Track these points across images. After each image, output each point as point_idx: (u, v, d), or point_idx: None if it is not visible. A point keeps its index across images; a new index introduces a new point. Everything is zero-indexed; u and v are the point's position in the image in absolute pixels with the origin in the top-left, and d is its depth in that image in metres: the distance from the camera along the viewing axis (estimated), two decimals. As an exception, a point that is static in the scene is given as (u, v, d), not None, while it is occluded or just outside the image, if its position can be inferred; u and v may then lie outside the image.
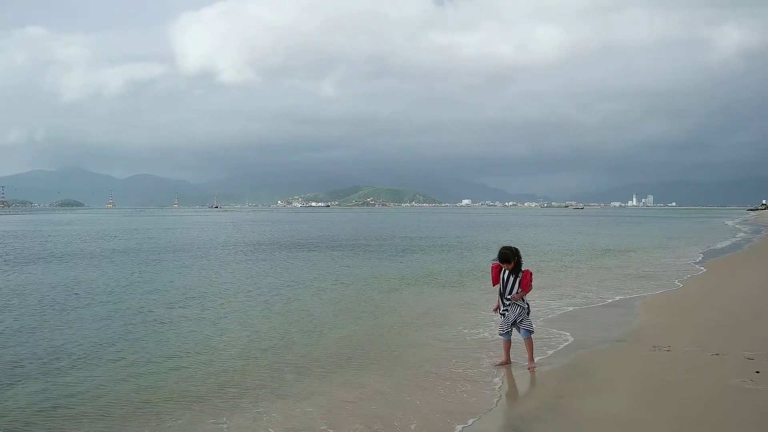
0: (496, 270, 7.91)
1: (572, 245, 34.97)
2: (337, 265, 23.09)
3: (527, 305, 7.90)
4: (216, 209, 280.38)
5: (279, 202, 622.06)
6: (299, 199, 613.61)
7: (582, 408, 6.29)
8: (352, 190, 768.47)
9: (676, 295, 14.77)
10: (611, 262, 23.75)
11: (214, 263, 23.68)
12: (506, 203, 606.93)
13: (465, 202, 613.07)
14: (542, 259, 25.20)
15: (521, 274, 7.79)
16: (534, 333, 8.01)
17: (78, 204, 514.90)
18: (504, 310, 7.90)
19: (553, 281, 17.65)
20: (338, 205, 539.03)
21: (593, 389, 6.98)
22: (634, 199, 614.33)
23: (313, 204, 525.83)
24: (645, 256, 26.80)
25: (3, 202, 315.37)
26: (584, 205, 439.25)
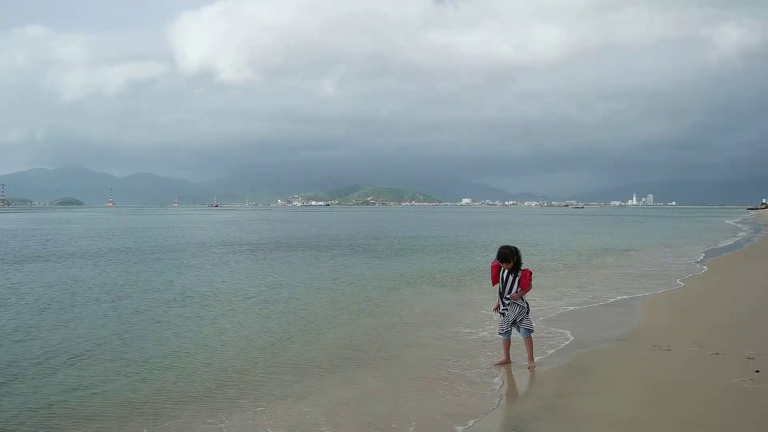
0: (496, 269, 7.89)
1: (572, 244, 34.89)
2: (336, 264, 23.02)
3: (527, 304, 7.88)
4: (216, 208, 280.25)
5: (279, 201, 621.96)
6: (299, 198, 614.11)
7: (582, 407, 6.29)
8: (352, 189, 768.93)
9: (677, 295, 14.70)
10: (612, 262, 23.69)
11: (212, 262, 23.61)
12: (506, 202, 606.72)
13: (465, 201, 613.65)
14: (543, 258, 25.13)
15: (520, 273, 7.78)
16: (534, 332, 8.00)
17: (78, 203, 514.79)
18: (503, 310, 7.89)
19: (553, 280, 17.58)
20: (338, 204, 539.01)
21: (593, 389, 6.97)
22: (634, 199, 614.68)
23: (313, 203, 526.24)
24: (646, 255, 26.74)
25: (3, 201, 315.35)
26: (584, 205, 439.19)
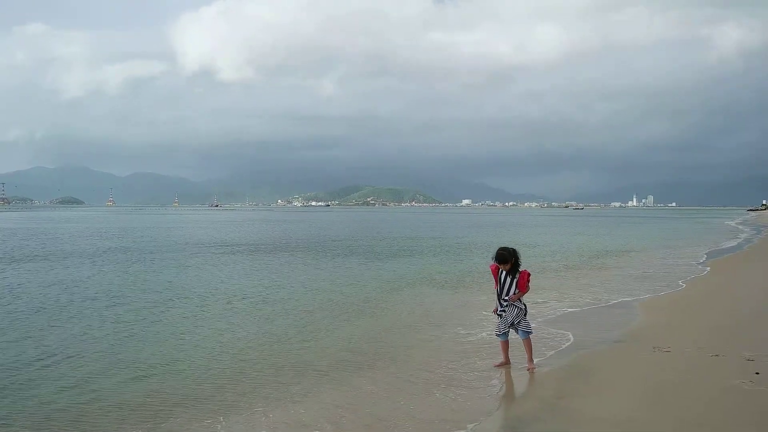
0: (495, 271, 7.91)
1: (573, 245, 34.86)
2: (335, 265, 22.96)
3: (524, 306, 7.87)
4: (216, 208, 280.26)
5: (279, 201, 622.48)
6: (299, 199, 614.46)
7: (582, 408, 6.28)
8: (352, 190, 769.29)
9: (678, 296, 14.65)
10: (613, 263, 23.64)
11: (211, 263, 23.56)
12: (506, 203, 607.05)
13: (465, 202, 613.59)
14: (543, 259, 25.09)
15: (518, 274, 7.78)
16: (533, 333, 7.99)
17: (78, 201, 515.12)
18: (501, 311, 7.88)
19: (554, 282, 17.54)
20: (338, 204, 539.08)
21: (593, 390, 6.96)
22: (634, 200, 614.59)
23: (313, 203, 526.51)
24: (647, 256, 26.70)
25: (3, 199, 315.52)
26: (584, 206, 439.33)
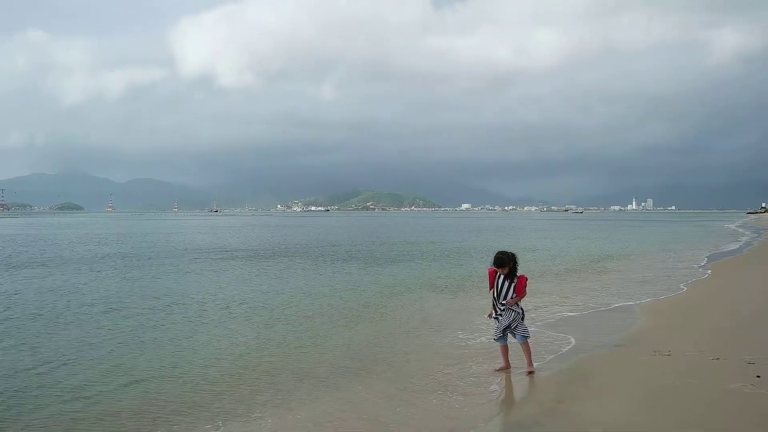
0: (493, 275, 7.89)
1: (572, 249, 34.82)
2: (335, 270, 22.91)
3: (522, 310, 7.87)
4: (215, 213, 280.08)
5: (279, 206, 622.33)
6: (299, 204, 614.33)
7: (582, 412, 6.27)
8: (352, 194, 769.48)
9: (678, 299, 14.62)
10: (613, 266, 23.60)
11: (210, 268, 23.51)
12: (506, 207, 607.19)
13: (465, 206, 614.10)
14: (543, 263, 25.04)
15: (516, 279, 7.77)
16: (530, 338, 7.98)
17: (78, 207, 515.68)
18: (498, 315, 7.88)
19: (554, 286, 17.51)
20: (338, 209, 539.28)
21: (593, 394, 6.94)
22: (633, 203, 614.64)
23: (312, 208, 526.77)
24: (648, 260, 26.66)
25: (3, 206, 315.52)
26: (583, 209, 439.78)
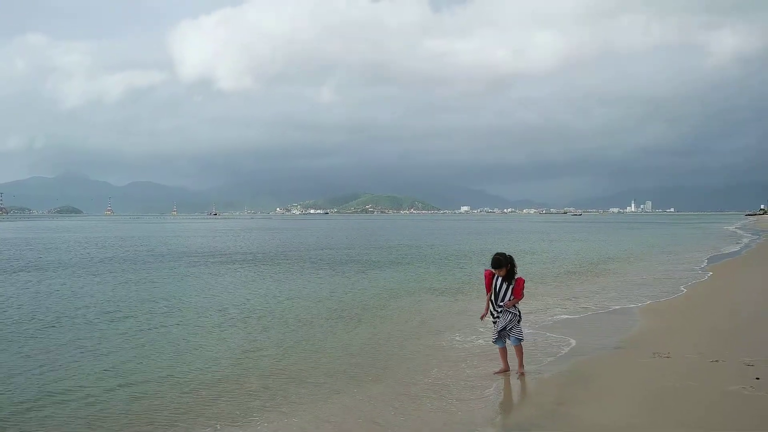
0: (489, 277, 7.89)
1: (572, 252, 34.85)
2: (334, 273, 22.90)
3: (519, 312, 7.87)
4: (214, 216, 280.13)
5: (278, 209, 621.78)
6: (298, 207, 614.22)
7: (582, 415, 6.26)
8: (351, 197, 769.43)
9: (678, 301, 14.61)
10: (613, 269, 23.60)
11: (209, 272, 23.48)
12: (505, 210, 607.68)
13: (464, 208, 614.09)
14: (543, 266, 25.05)
15: (514, 281, 7.78)
16: (524, 341, 7.98)
17: (77, 211, 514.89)
18: (496, 318, 7.88)
19: (553, 288, 17.53)
20: (337, 212, 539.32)
21: (593, 396, 6.94)
22: (632, 205, 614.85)
23: (311, 211, 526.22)
24: (647, 262, 26.67)
25: (2, 209, 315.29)
26: (582, 212, 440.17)
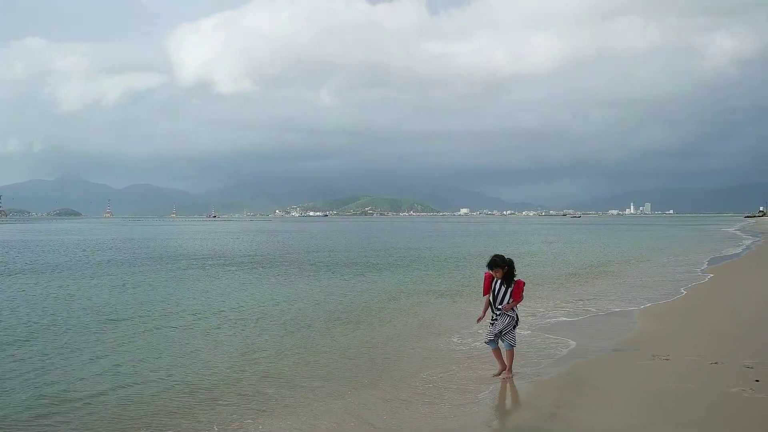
0: (489, 280, 7.88)
1: (572, 254, 34.86)
2: (333, 276, 22.90)
3: (516, 316, 7.83)
4: (214, 219, 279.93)
5: (277, 211, 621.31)
6: (297, 209, 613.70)
7: (581, 417, 6.25)
8: (350, 200, 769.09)
9: (678, 303, 14.60)
10: (612, 271, 23.57)
11: (208, 274, 23.43)
12: (504, 212, 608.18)
13: (463, 211, 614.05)
14: (542, 268, 25.04)
15: (513, 284, 7.76)
16: (516, 346, 7.95)
17: (76, 213, 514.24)
18: (493, 320, 7.85)
19: (553, 290, 17.52)
20: (336, 214, 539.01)
21: (592, 398, 6.92)
22: (632, 207, 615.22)
23: (311, 213, 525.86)
24: (647, 264, 26.65)
25: (1, 212, 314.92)
26: (581, 214, 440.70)
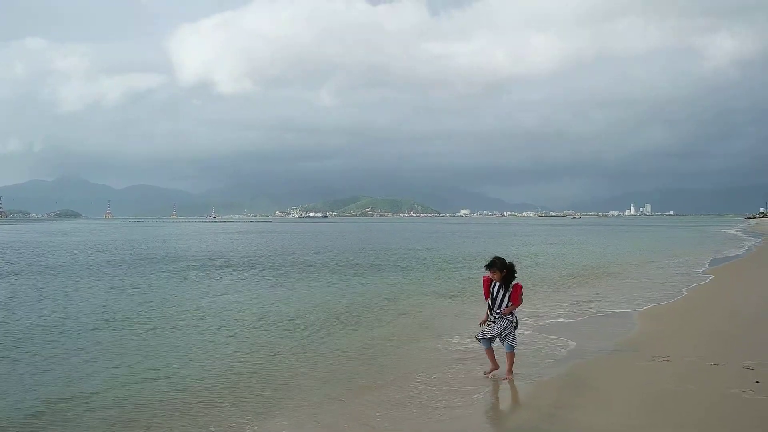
0: (487, 283, 7.90)
1: (572, 255, 34.84)
2: (333, 277, 22.82)
3: (516, 319, 7.85)
4: (214, 220, 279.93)
5: (277, 212, 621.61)
6: (297, 210, 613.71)
7: (580, 418, 6.24)
8: (351, 201, 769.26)
9: (678, 304, 14.56)
10: (613, 272, 23.53)
11: (207, 276, 23.36)
12: (504, 213, 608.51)
13: (463, 212, 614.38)
14: (542, 269, 25.01)
15: (512, 287, 7.75)
16: (517, 348, 7.94)
17: (76, 214, 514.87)
18: (491, 322, 7.85)
19: (553, 291, 17.49)
20: (336, 215, 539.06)
21: (592, 399, 6.92)
22: (632, 208, 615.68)
23: (311, 214, 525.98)
24: (648, 265, 26.60)
25: (1, 213, 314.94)
26: (582, 215, 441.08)
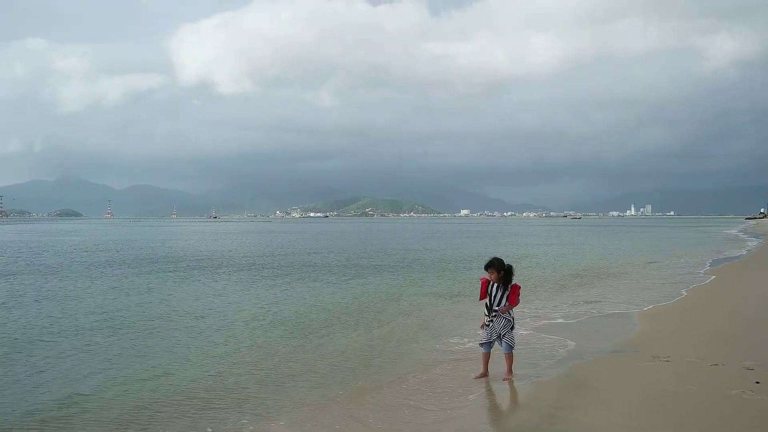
0: (485, 285, 8.01)
1: (572, 255, 34.83)
2: (333, 277, 22.83)
3: (513, 319, 7.95)
4: (214, 220, 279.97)
5: (278, 212, 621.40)
6: (298, 210, 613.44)
7: (580, 418, 6.25)
8: (351, 201, 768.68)
9: (678, 305, 14.58)
10: (613, 272, 23.56)
11: (207, 276, 23.39)
12: (505, 213, 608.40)
13: (464, 212, 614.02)
14: (542, 270, 25.04)
15: (510, 288, 7.88)
16: (515, 348, 7.98)
17: (76, 214, 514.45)
18: (489, 321, 7.92)
19: (553, 292, 17.52)
20: (336, 215, 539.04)
21: (592, 399, 6.93)
22: (632, 209, 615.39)
23: (311, 215, 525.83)
24: (648, 265, 26.61)
25: (1, 212, 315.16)
26: (582, 215, 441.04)
